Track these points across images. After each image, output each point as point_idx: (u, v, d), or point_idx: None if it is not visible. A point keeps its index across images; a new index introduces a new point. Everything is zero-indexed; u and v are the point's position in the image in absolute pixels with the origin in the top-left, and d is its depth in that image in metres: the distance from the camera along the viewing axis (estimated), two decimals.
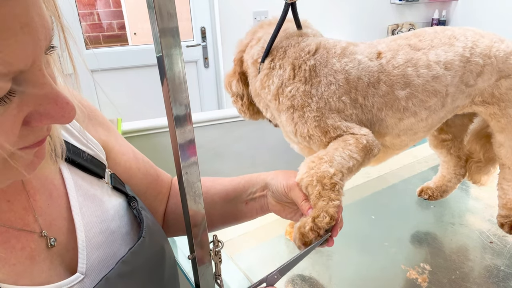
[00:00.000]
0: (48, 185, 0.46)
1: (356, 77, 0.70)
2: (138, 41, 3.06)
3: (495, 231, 0.96)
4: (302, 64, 0.69)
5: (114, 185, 0.53)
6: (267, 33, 0.73)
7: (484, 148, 0.98)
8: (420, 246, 0.94)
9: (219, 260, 0.57)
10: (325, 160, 0.61)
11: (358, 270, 0.86)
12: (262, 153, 2.06)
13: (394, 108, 0.72)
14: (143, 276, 0.49)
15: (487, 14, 3.02)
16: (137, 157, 0.62)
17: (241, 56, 0.77)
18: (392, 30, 3.27)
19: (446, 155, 1.04)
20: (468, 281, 0.81)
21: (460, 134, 1.01)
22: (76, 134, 0.50)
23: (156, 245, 0.53)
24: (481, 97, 0.80)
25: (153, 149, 1.79)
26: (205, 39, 2.71)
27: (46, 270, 0.42)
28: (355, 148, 0.64)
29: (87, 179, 0.50)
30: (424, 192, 1.09)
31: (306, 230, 0.56)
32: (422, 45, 0.74)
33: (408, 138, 0.77)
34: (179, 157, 0.45)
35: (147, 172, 0.63)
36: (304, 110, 0.69)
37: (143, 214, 0.53)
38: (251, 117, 0.84)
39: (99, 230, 0.48)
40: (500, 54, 0.76)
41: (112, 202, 0.51)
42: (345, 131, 0.68)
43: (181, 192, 0.49)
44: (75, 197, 0.47)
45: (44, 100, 0.32)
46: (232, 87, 0.79)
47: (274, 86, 0.70)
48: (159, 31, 0.38)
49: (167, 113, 0.44)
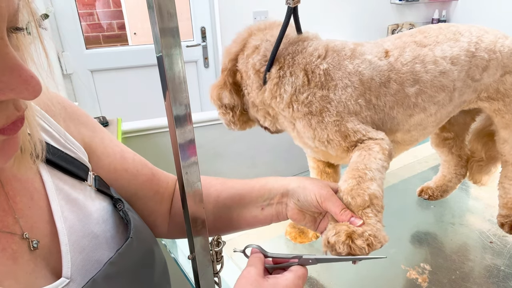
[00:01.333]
0: (29, 187, 0.45)
1: (369, 78, 0.69)
2: (138, 41, 3.06)
3: (495, 231, 0.96)
4: (315, 69, 0.68)
5: (98, 187, 0.51)
6: (265, 40, 0.71)
7: (486, 146, 0.98)
8: (420, 246, 0.94)
9: (219, 260, 0.57)
10: (370, 176, 0.60)
11: (358, 270, 0.86)
12: (262, 153, 2.06)
13: (404, 105, 0.72)
14: (131, 278, 0.49)
15: (487, 14, 3.02)
16: (125, 157, 0.59)
17: (233, 65, 0.74)
18: (392, 30, 3.27)
19: (448, 154, 1.04)
20: (468, 281, 0.81)
21: (462, 133, 1.01)
22: (55, 136, 0.49)
23: (144, 246, 0.52)
24: (486, 93, 0.80)
25: (153, 149, 1.79)
26: (205, 39, 2.71)
27: (31, 272, 0.41)
28: (383, 156, 0.64)
29: (69, 182, 0.49)
30: (424, 192, 1.09)
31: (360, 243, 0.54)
32: (428, 42, 0.74)
33: (418, 133, 0.78)
34: (179, 157, 0.45)
35: (137, 172, 0.60)
36: (323, 116, 0.68)
37: (130, 215, 0.51)
38: (240, 128, 0.81)
39: (82, 234, 0.47)
40: (505, 49, 0.76)
41: (95, 205, 0.50)
42: (364, 135, 0.67)
43: (181, 192, 0.49)
44: (56, 200, 0.46)
45: (6, 71, 0.30)
46: (223, 99, 0.75)
47: (287, 94, 0.68)
48: (159, 31, 0.38)
49: (167, 113, 0.44)
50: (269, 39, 0.70)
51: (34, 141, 0.42)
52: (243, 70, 0.72)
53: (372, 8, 3.11)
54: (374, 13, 3.14)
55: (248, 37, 0.73)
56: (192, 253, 0.52)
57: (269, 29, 0.73)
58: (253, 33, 0.73)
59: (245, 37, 0.73)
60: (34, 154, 0.42)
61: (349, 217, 0.57)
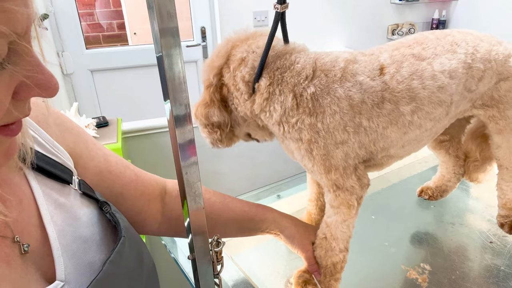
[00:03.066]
0: (18, 193, 0.45)
1: (360, 101, 0.66)
2: (138, 41, 3.06)
3: (495, 231, 0.96)
4: (303, 92, 0.66)
5: (83, 191, 0.52)
6: (251, 52, 0.68)
7: (480, 147, 0.99)
8: (420, 246, 0.94)
9: (219, 260, 0.57)
10: (335, 247, 0.75)
11: (358, 270, 0.86)
12: (262, 153, 2.07)
13: (399, 124, 0.70)
14: (129, 276, 0.49)
15: (487, 14, 3.02)
16: (109, 160, 0.61)
17: (218, 80, 0.71)
18: (392, 30, 3.27)
19: (445, 155, 1.04)
20: (468, 281, 0.81)
21: (458, 135, 1.02)
22: (42, 142, 0.50)
23: (135, 246, 0.53)
24: (481, 101, 0.79)
25: (153, 149, 1.79)
26: (205, 39, 2.71)
27: (24, 275, 0.42)
28: (349, 217, 0.73)
29: (55, 187, 0.49)
30: (424, 192, 1.09)
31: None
32: (427, 54, 0.71)
33: (412, 147, 0.77)
34: (179, 157, 0.45)
35: (120, 174, 0.62)
36: (311, 147, 0.67)
37: (118, 216, 0.52)
38: (227, 146, 0.78)
39: (72, 238, 0.47)
40: (500, 57, 0.76)
41: (83, 209, 0.51)
42: (342, 175, 0.69)
43: (181, 192, 0.49)
44: (45, 205, 0.47)
45: (32, 71, 0.34)
46: (212, 117, 0.72)
47: (277, 113, 0.67)
48: (159, 31, 0.38)
49: (167, 113, 0.44)
50: (255, 50, 0.68)
51: (26, 148, 0.44)
52: (231, 83, 0.70)
53: (372, 8, 3.11)
54: (374, 13, 3.14)
55: (231, 49, 0.70)
56: (192, 253, 0.52)
57: (252, 39, 0.70)
58: (236, 45, 0.70)
59: (228, 49, 0.70)
60: (23, 159, 0.44)
61: (315, 270, 0.77)
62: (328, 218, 0.75)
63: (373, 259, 0.90)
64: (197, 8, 2.63)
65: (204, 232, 0.51)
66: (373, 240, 0.95)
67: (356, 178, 0.71)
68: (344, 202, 0.72)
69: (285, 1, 0.64)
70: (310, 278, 0.77)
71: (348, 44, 3.07)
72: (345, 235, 0.74)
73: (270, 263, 0.90)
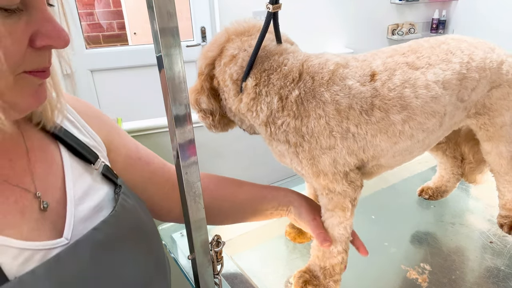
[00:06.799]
0: (49, 158, 0.52)
1: (347, 107, 0.65)
2: (138, 41, 3.07)
3: (495, 231, 0.96)
4: (288, 94, 0.65)
5: (103, 172, 0.57)
6: (242, 50, 0.67)
7: (472, 150, 0.99)
8: (420, 246, 0.94)
9: (219, 260, 0.57)
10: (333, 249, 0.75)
11: (358, 270, 0.86)
12: (262, 153, 2.07)
13: (389, 133, 0.68)
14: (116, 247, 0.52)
15: (487, 14, 3.02)
16: (139, 148, 0.70)
17: (210, 70, 0.71)
18: (392, 30, 3.27)
19: (442, 157, 1.04)
20: (468, 281, 0.81)
21: (454, 136, 1.01)
22: (78, 126, 0.58)
23: (132, 221, 0.56)
24: (474, 109, 0.79)
25: (153, 149, 1.78)
26: (205, 39, 2.71)
27: (36, 229, 0.46)
28: (345, 219, 0.72)
29: (81, 163, 0.56)
30: (424, 192, 1.09)
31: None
32: (421, 64, 0.70)
33: (403, 157, 0.75)
34: (179, 157, 0.46)
35: (150, 161, 0.71)
36: (297, 151, 0.67)
37: (121, 197, 0.57)
38: (222, 131, 0.79)
39: (88, 207, 0.52)
40: (494, 65, 0.75)
41: (101, 186, 0.57)
42: (331, 180, 0.69)
43: (181, 192, 0.49)
44: (70, 174, 0.53)
45: (45, 22, 0.40)
46: (201, 104, 0.73)
47: (263, 114, 0.67)
48: (159, 31, 0.38)
49: (167, 113, 0.44)
50: (247, 49, 0.67)
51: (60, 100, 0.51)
52: (220, 78, 0.70)
53: (372, 8, 3.11)
54: (374, 13, 3.14)
55: (226, 42, 0.69)
56: (192, 253, 0.52)
57: (248, 35, 0.69)
58: (231, 39, 0.69)
59: (223, 42, 0.70)
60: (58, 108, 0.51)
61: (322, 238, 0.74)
62: (324, 221, 0.75)
63: (373, 259, 0.89)
64: (197, 8, 2.63)
65: (204, 232, 0.51)
66: (373, 240, 0.95)
67: (347, 183, 0.70)
68: (338, 205, 0.71)
69: (277, 1, 0.62)
70: (310, 278, 0.77)
71: (348, 44, 3.07)
72: (343, 237, 0.74)
73: (270, 263, 0.90)
